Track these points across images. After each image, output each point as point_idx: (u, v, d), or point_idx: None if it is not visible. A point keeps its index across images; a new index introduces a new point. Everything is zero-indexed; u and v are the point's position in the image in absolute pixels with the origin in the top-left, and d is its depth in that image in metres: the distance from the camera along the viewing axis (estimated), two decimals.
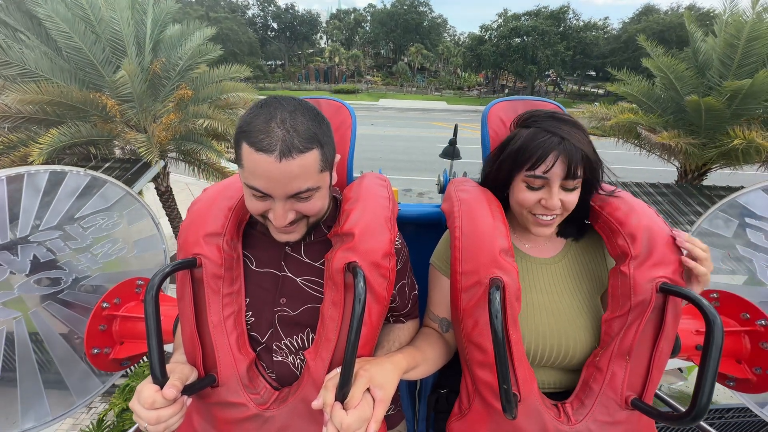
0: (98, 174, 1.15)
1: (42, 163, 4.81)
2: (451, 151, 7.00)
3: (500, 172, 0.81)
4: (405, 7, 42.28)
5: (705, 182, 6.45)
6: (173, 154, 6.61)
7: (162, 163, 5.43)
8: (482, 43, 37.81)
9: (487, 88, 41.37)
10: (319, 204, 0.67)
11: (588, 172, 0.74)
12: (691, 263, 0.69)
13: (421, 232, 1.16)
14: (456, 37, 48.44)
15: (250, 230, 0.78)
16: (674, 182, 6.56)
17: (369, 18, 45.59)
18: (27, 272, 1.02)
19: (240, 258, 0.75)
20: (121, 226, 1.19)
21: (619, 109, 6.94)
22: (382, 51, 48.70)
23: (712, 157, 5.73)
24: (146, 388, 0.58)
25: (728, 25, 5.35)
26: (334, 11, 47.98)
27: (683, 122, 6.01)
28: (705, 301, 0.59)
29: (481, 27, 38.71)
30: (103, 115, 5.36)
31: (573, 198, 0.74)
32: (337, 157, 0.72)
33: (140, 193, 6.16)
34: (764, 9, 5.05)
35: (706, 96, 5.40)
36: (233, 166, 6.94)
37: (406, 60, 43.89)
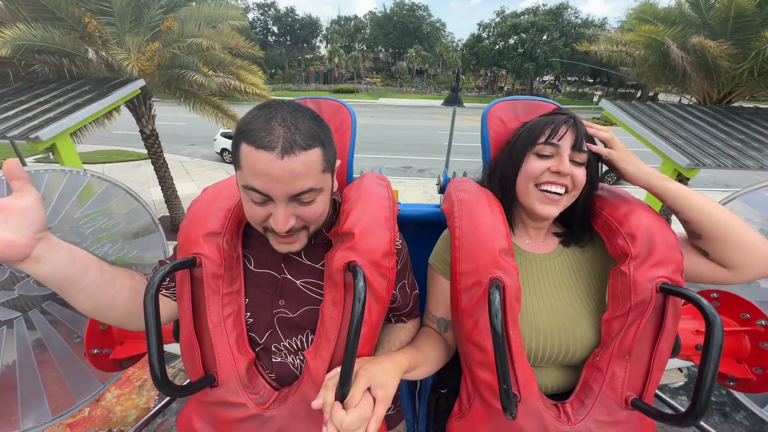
0: (98, 174, 1.15)
1: (5, 58, 4.55)
2: (453, 98, 6.87)
3: (512, 155, 0.83)
4: (404, 12, 43.07)
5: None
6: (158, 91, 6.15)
7: (142, 81, 4.91)
8: (480, 40, 37.65)
9: (486, 91, 41.67)
10: (321, 208, 0.65)
11: (593, 156, 0.77)
12: (605, 151, 0.78)
13: (421, 232, 1.16)
14: (454, 44, 48.92)
15: (250, 230, 0.78)
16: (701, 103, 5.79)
17: (368, 24, 46.37)
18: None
19: (240, 258, 0.75)
20: (121, 226, 1.19)
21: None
22: (381, 55, 49.46)
23: (743, 74, 5.08)
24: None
25: None
26: (335, 17, 48.84)
27: (707, 34, 5.44)
28: (705, 301, 0.59)
29: (479, 24, 38.32)
30: (79, 30, 4.98)
31: (581, 173, 0.76)
32: (338, 162, 0.71)
33: (116, 111, 5.75)
34: None
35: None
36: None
37: (404, 63, 44.58)
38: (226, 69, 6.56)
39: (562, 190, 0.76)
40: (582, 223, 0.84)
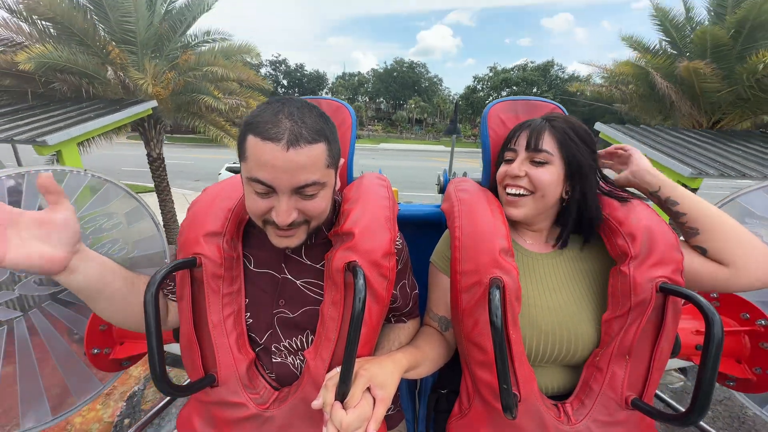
0: (98, 174, 1.14)
1: (26, 73, 4.83)
2: (453, 129, 8.04)
3: (497, 164, 0.87)
4: (404, 68, 47.51)
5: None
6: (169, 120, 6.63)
7: (155, 102, 5.31)
8: (475, 92, 41.72)
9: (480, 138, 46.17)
10: (323, 203, 0.65)
11: (566, 152, 0.75)
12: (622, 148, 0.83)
13: (421, 232, 1.16)
14: (451, 97, 52.76)
15: (250, 230, 0.78)
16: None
17: (371, 79, 50.64)
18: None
19: (240, 258, 0.75)
20: (121, 226, 1.19)
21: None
22: (383, 106, 53.25)
23: (729, 101, 5.41)
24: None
25: None
26: (340, 73, 53.15)
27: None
28: (704, 301, 0.60)
29: (474, 78, 43.08)
30: (102, 56, 5.37)
31: (540, 173, 0.76)
32: (341, 160, 0.71)
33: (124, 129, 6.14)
34: None
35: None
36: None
37: (405, 113, 48.22)
38: (237, 96, 7.13)
39: (519, 191, 0.78)
40: (577, 224, 0.82)
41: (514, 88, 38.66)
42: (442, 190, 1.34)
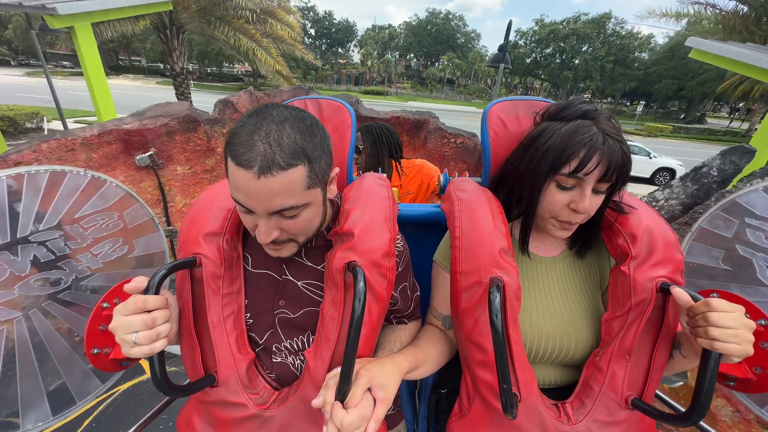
0: (98, 174, 1.15)
1: None
2: (500, 57, 6.37)
3: (531, 173, 0.72)
4: (439, 20, 43.91)
5: None
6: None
7: None
8: (516, 47, 35.44)
9: None
10: (305, 222, 0.65)
11: (620, 176, 0.69)
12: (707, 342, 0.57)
13: (421, 232, 1.16)
14: (488, 56, 49.35)
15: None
16: None
17: (402, 33, 47.47)
18: (27, 272, 1.02)
19: (240, 258, 0.75)
20: (121, 226, 1.19)
21: None
22: (413, 63, 50.50)
23: None
24: (133, 297, 0.58)
25: None
26: (370, 26, 50.30)
27: None
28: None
29: (516, 32, 36.05)
30: None
31: (598, 201, 0.71)
32: (336, 170, 0.70)
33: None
34: None
35: None
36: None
37: (436, 71, 44.82)
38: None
39: (579, 219, 0.73)
40: (593, 233, 0.81)
41: (561, 44, 32.08)
42: (442, 190, 1.34)
